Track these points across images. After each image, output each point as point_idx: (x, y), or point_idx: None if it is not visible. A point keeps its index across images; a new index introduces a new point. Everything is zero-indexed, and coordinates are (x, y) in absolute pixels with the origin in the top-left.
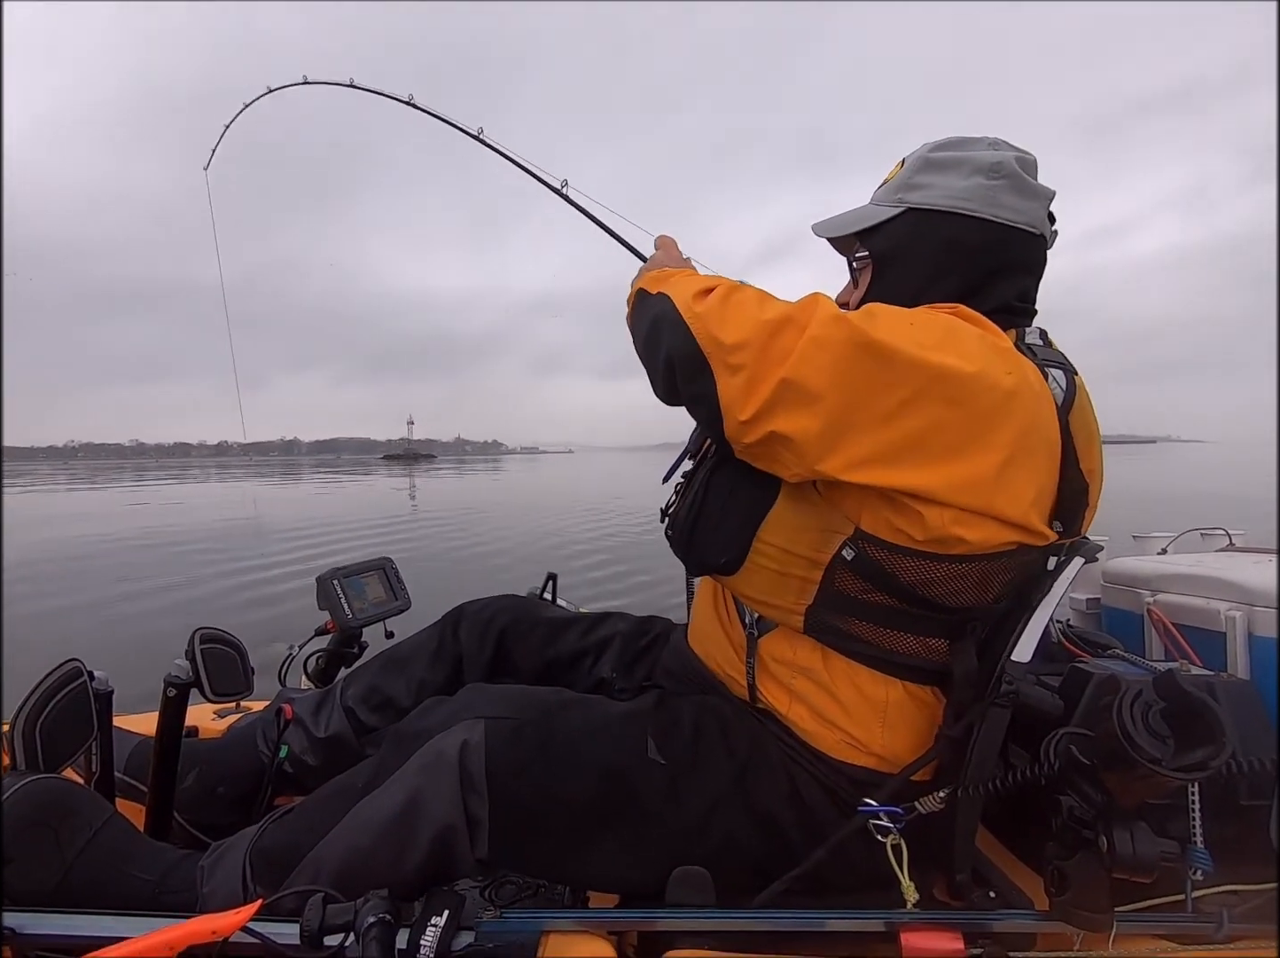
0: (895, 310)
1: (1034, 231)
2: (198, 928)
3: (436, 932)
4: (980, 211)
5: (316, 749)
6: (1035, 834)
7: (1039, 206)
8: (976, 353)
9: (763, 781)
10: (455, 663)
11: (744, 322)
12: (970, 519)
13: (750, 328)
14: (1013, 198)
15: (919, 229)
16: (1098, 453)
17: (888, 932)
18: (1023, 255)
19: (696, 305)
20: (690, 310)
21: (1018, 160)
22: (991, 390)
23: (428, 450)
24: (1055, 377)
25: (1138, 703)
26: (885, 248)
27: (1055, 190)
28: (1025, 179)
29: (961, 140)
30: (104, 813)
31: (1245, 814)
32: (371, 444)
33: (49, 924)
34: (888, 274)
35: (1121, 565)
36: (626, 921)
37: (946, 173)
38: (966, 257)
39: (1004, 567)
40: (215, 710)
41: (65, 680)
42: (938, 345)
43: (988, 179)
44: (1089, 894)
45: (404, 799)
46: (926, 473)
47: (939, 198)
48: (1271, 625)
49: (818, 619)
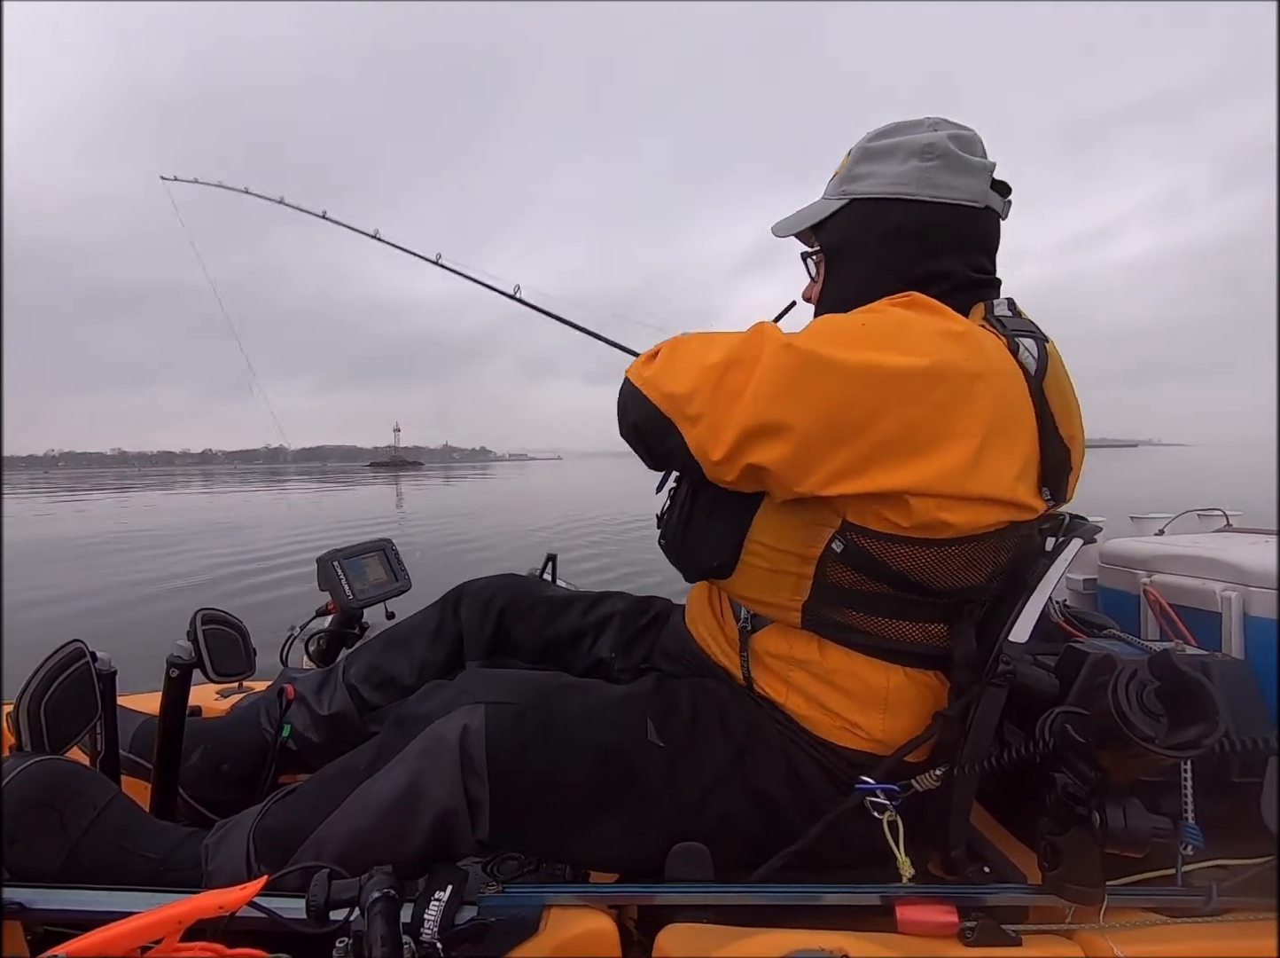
0: (843, 320)
1: (976, 206)
2: (205, 903)
3: (440, 906)
4: (919, 194)
5: (320, 727)
6: (1029, 811)
7: (978, 180)
8: (930, 345)
9: (760, 762)
10: (456, 641)
11: (690, 370)
12: (955, 504)
13: (697, 374)
14: (949, 176)
15: (863, 218)
16: (1077, 419)
17: (883, 905)
18: (969, 230)
19: (645, 370)
20: (640, 377)
21: (952, 138)
22: (952, 379)
23: (415, 458)
24: (1027, 346)
25: (1133, 682)
26: (834, 240)
27: (995, 162)
28: (960, 155)
29: (900, 126)
30: (108, 793)
31: (1236, 791)
32: (358, 451)
33: (58, 899)
34: (839, 265)
35: (1118, 546)
36: (627, 895)
37: (884, 160)
38: (912, 239)
39: (997, 546)
40: (218, 691)
41: (68, 661)
42: (889, 345)
43: (922, 161)
44: (1081, 869)
45: (405, 783)
46: (904, 472)
47: (878, 186)
48: (1266, 606)
49: (815, 613)
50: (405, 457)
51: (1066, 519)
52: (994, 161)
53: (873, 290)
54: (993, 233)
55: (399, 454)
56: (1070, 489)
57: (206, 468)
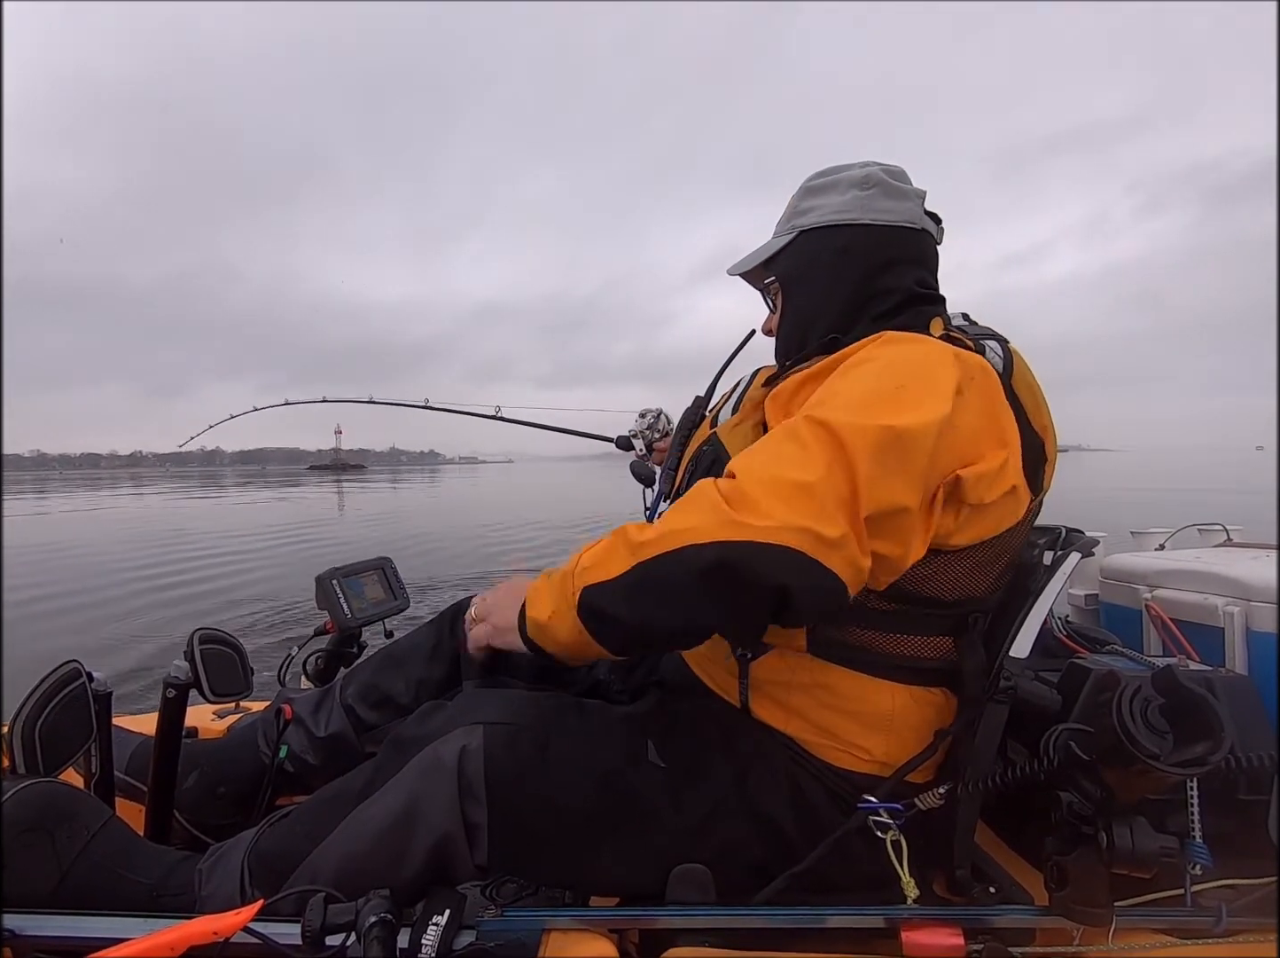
0: (876, 381)
1: (914, 227)
2: (199, 929)
3: (438, 931)
4: (861, 219)
5: (317, 748)
6: (1034, 830)
7: (913, 205)
8: (950, 373)
9: (763, 783)
10: (453, 660)
11: (790, 498)
12: (985, 508)
13: (803, 499)
14: (887, 201)
15: (813, 246)
16: (1046, 411)
17: (888, 928)
18: (910, 249)
19: (744, 516)
20: (736, 525)
21: (884, 171)
22: (986, 395)
23: (359, 461)
24: (992, 347)
25: (1136, 699)
26: (788, 269)
27: (925, 190)
28: (894, 184)
29: (835, 167)
30: (101, 816)
31: (1244, 809)
32: (300, 454)
33: (50, 926)
34: (796, 291)
35: (1120, 561)
36: (628, 919)
37: (826, 194)
38: (860, 258)
39: (999, 550)
40: (215, 711)
41: (64, 682)
42: (929, 391)
43: (861, 190)
44: (1088, 889)
45: (402, 805)
46: (975, 493)
47: (823, 216)
48: (1269, 621)
49: (821, 636)
50: (348, 460)
51: (1063, 533)
52: (925, 189)
53: (829, 309)
54: (931, 252)
55: (341, 457)
56: (1047, 479)
57: (136, 470)
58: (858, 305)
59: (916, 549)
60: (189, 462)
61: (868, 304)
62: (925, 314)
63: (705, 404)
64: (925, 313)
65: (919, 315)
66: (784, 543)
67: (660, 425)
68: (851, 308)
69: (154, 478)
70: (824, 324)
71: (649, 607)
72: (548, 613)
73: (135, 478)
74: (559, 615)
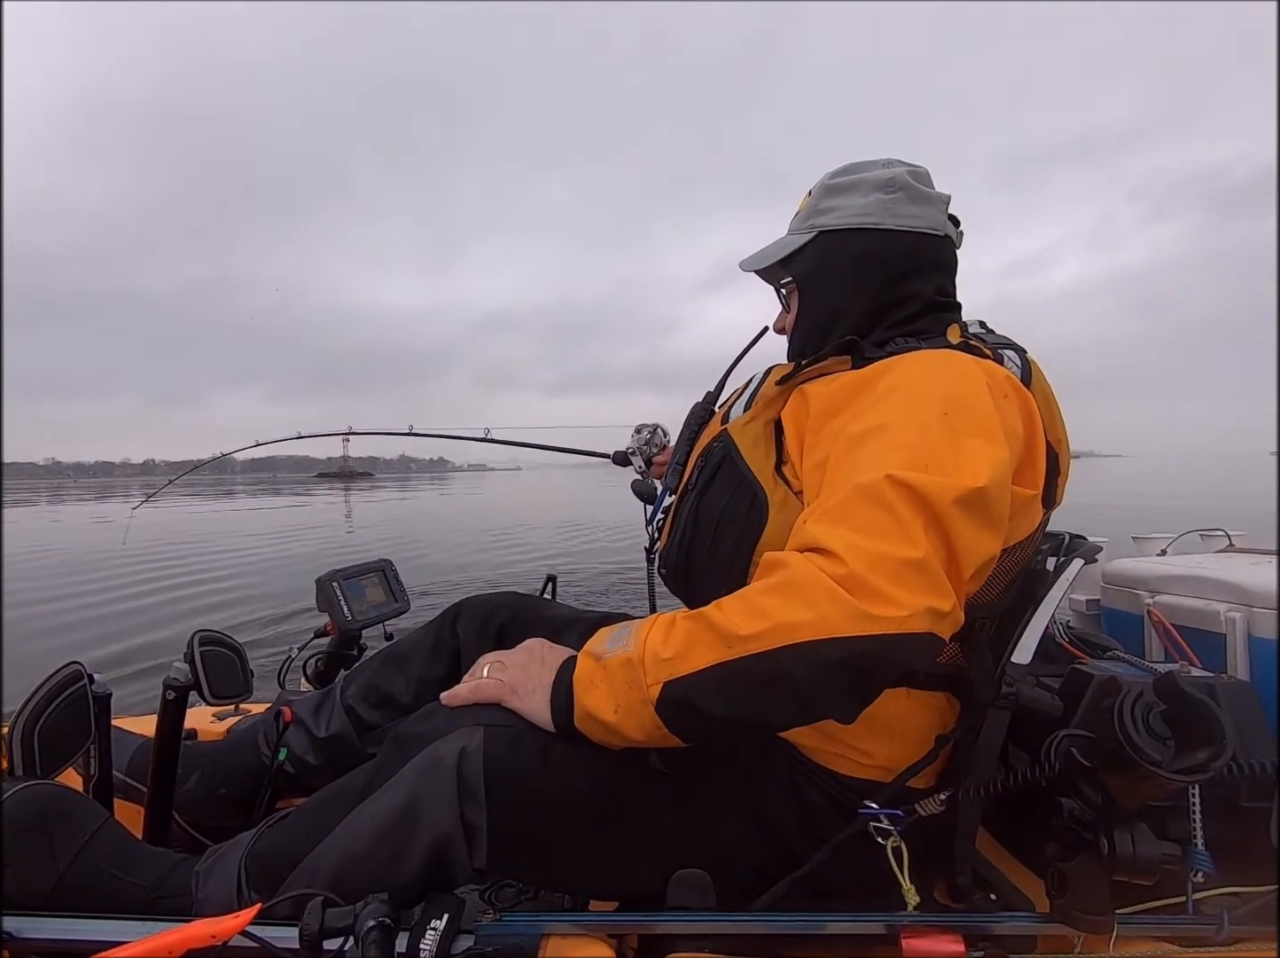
0: (937, 437)
1: (937, 233)
2: (197, 932)
3: (436, 935)
4: (884, 223)
5: (318, 749)
6: (1036, 837)
7: (936, 210)
8: (991, 405)
9: (765, 788)
10: (453, 658)
11: (912, 577)
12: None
13: (915, 576)
14: (910, 206)
15: (833, 248)
16: (1061, 422)
17: (888, 935)
18: (931, 256)
19: (874, 607)
20: (868, 619)
21: (909, 173)
22: (1015, 419)
23: (369, 468)
24: (1010, 357)
25: (1138, 705)
26: (806, 270)
27: (950, 194)
28: (919, 188)
29: (857, 165)
30: (98, 819)
31: (1246, 816)
32: (310, 462)
33: (46, 928)
34: (812, 294)
35: (1121, 567)
36: (627, 924)
37: (847, 195)
38: (880, 265)
39: (1011, 563)
40: (214, 713)
41: (65, 684)
42: (986, 434)
43: (885, 194)
44: (1090, 896)
45: (401, 804)
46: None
47: (845, 218)
48: (1271, 627)
49: None
50: (356, 467)
51: (1067, 539)
52: (949, 194)
53: (847, 313)
54: (952, 259)
55: (349, 465)
56: (1060, 493)
57: (148, 479)
58: (876, 311)
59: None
60: (200, 469)
61: (887, 310)
62: (943, 320)
63: (715, 400)
64: (943, 319)
65: (936, 322)
66: (918, 630)
67: (658, 440)
68: (869, 313)
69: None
70: (841, 328)
71: (753, 700)
72: (611, 709)
73: (148, 486)
74: (629, 713)
